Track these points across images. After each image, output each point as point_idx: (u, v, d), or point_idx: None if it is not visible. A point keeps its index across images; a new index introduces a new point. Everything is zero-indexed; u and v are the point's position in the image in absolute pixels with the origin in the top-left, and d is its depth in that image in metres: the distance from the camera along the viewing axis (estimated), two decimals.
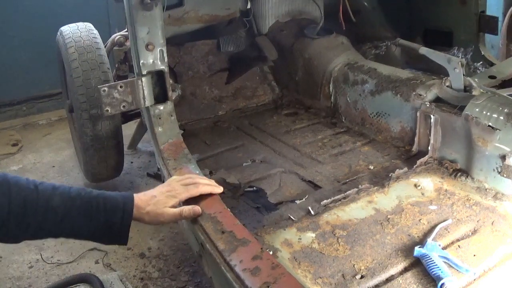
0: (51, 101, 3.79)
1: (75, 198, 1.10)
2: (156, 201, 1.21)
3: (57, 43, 2.36)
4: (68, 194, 1.09)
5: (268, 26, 2.60)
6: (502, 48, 2.80)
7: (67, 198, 1.09)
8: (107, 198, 1.15)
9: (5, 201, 1.00)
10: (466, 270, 1.15)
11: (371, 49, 2.66)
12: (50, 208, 1.05)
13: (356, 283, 1.15)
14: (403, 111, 1.86)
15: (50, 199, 1.06)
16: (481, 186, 1.52)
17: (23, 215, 1.02)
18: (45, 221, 1.05)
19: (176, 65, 2.49)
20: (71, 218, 1.08)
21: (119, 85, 1.62)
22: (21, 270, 2.00)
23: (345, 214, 1.43)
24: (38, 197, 1.05)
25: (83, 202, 1.10)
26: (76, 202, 1.09)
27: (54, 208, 1.06)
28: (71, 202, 1.09)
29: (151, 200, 1.21)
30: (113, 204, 1.14)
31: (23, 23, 3.53)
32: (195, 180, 1.32)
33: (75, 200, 1.09)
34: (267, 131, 2.20)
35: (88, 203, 1.11)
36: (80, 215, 1.09)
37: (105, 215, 1.12)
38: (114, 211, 1.13)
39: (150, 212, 1.19)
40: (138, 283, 1.89)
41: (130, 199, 1.18)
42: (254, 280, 0.98)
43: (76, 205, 1.09)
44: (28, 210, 1.03)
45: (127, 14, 1.64)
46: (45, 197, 1.06)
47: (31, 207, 1.03)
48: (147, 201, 1.20)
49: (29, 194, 1.04)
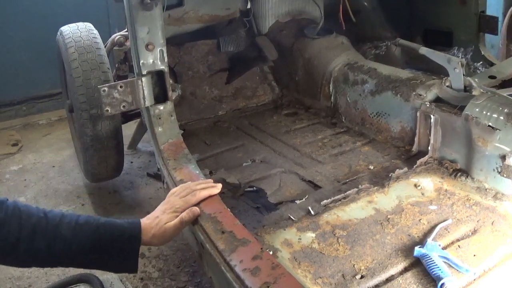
0: (51, 101, 3.79)
1: (83, 225, 1.12)
2: (158, 221, 1.22)
3: (57, 43, 2.36)
4: (76, 222, 1.11)
5: (268, 26, 2.60)
6: (502, 48, 2.80)
7: (75, 225, 1.11)
8: (115, 224, 1.17)
9: (16, 227, 1.02)
10: (466, 270, 1.15)
11: (371, 49, 2.66)
12: (59, 235, 1.07)
13: (356, 283, 1.15)
14: (403, 111, 1.86)
15: (59, 226, 1.08)
16: (481, 186, 1.52)
17: (33, 241, 1.04)
18: (54, 247, 1.07)
19: (176, 65, 2.49)
20: (79, 245, 1.10)
21: (119, 85, 1.62)
22: (21, 270, 2.00)
23: (345, 214, 1.43)
24: (48, 224, 1.07)
25: (91, 229, 1.12)
26: (84, 229, 1.11)
27: (63, 235, 1.08)
28: (79, 229, 1.11)
29: (154, 222, 1.22)
30: (120, 230, 1.16)
31: (23, 23, 3.53)
32: (192, 188, 1.33)
33: (83, 227, 1.11)
34: (267, 131, 2.20)
35: (96, 230, 1.13)
36: (88, 241, 1.11)
37: (113, 241, 1.14)
38: (121, 236, 1.15)
39: (155, 234, 1.20)
40: (138, 283, 1.89)
41: (137, 225, 1.20)
42: (254, 280, 0.98)
43: (84, 232, 1.11)
44: (38, 236, 1.05)
45: (127, 14, 1.64)
46: (54, 224, 1.08)
47: (41, 234, 1.05)
48: (151, 224, 1.22)
49: (39, 221, 1.06)
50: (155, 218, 1.24)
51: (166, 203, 1.30)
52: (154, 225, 1.21)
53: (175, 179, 1.49)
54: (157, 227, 1.21)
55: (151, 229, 1.20)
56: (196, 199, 1.30)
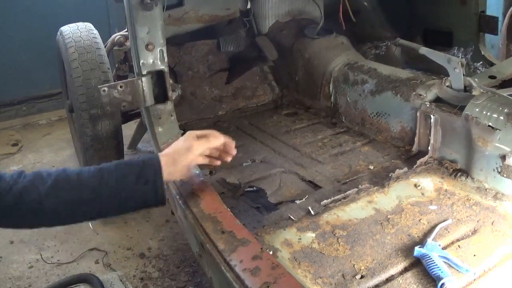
0: (51, 101, 3.79)
1: (102, 168, 1.11)
2: (178, 153, 1.21)
3: (57, 43, 2.36)
4: (94, 168, 1.11)
5: (268, 26, 2.60)
6: (502, 48, 2.80)
7: (94, 170, 1.11)
8: (132, 160, 1.16)
9: (39, 184, 1.02)
10: (466, 270, 1.15)
11: (371, 49, 2.66)
12: (83, 182, 1.07)
13: (356, 283, 1.15)
14: (403, 111, 1.86)
15: (79, 174, 1.08)
16: (481, 186, 1.52)
17: (60, 192, 1.04)
18: (81, 193, 1.07)
19: (176, 65, 2.49)
20: (105, 185, 1.09)
21: (119, 85, 1.62)
22: (21, 270, 2.00)
23: (345, 214, 1.43)
24: (68, 175, 1.07)
25: (112, 168, 1.12)
26: (104, 170, 1.11)
27: (86, 180, 1.08)
28: (99, 172, 1.10)
29: (174, 157, 1.20)
30: (139, 162, 1.15)
31: (23, 23, 3.53)
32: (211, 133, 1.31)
33: (103, 170, 1.11)
34: (267, 131, 2.20)
35: (117, 167, 1.12)
36: (113, 179, 1.10)
37: (136, 172, 1.12)
38: (143, 167, 1.14)
39: (179, 168, 1.19)
40: (138, 283, 1.89)
41: (154, 156, 1.19)
42: (254, 280, 0.98)
43: (106, 172, 1.10)
44: (63, 187, 1.05)
45: (127, 14, 1.64)
46: (74, 173, 1.08)
47: (65, 185, 1.05)
48: (171, 155, 1.20)
49: (59, 174, 1.06)
50: (174, 150, 1.22)
51: (183, 140, 1.27)
52: (175, 157, 1.19)
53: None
54: (180, 158, 1.20)
55: (172, 156, 1.19)
56: (218, 141, 1.28)
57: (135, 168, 1.13)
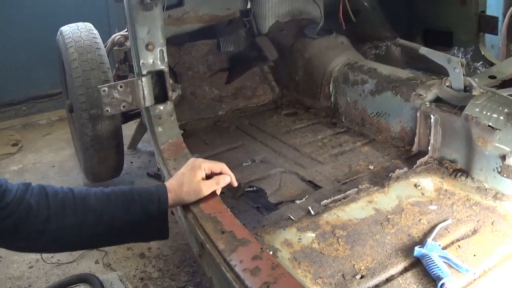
0: (51, 101, 3.79)
1: (109, 194, 1.10)
2: (187, 179, 1.21)
3: (57, 43, 2.36)
4: (102, 192, 1.10)
5: (268, 26, 2.60)
6: (502, 48, 2.80)
7: (102, 195, 1.09)
8: (141, 189, 1.15)
9: (44, 206, 1.01)
10: (466, 270, 1.15)
11: (371, 49, 2.66)
12: (88, 207, 1.06)
13: (356, 283, 1.15)
14: (403, 111, 1.86)
15: (86, 198, 1.07)
16: (481, 186, 1.52)
17: (63, 217, 1.02)
18: (85, 221, 1.05)
19: (176, 65, 2.49)
20: (109, 214, 1.08)
21: (119, 85, 1.62)
22: (21, 270, 2.00)
23: (345, 214, 1.43)
24: (75, 198, 1.05)
25: (119, 197, 1.10)
26: (111, 197, 1.10)
27: (92, 207, 1.06)
28: (106, 199, 1.09)
29: (182, 179, 1.21)
30: (147, 193, 1.14)
31: (23, 23, 3.53)
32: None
33: (110, 196, 1.10)
34: (267, 131, 2.20)
35: (123, 196, 1.11)
36: (118, 209, 1.09)
37: (142, 204, 1.12)
38: (150, 199, 1.13)
39: (187, 191, 1.20)
40: (138, 283, 1.89)
41: (162, 186, 1.19)
42: (254, 280, 0.98)
43: (112, 200, 1.09)
44: (67, 212, 1.03)
45: (127, 14, 1.64)
46: (81, 197, 1.06)
47: (70, 209, 1.03)
48: (179, 182, 1.20)
49: (65, 196, 1.04)
50: (182, 174, 1.22)
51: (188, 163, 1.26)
52: (183, 182, 1.20)
53: None
54: (189, 183, 1.20)
55: (180, 186, 1.19)
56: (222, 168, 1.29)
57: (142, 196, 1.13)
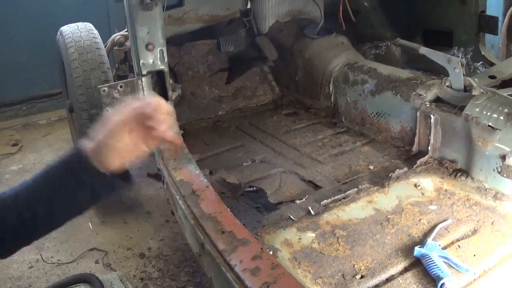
0: (51, 101, 3.79)
1: (29, 183, 0.99)
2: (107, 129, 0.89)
3: (57, 43, 2.36)
4: (27, 183, 0.99)
5: (268, 26, 2.60)
6: (502, 48, 2.80)
7: (27, 186, 0.99)
8: (55, 163, 0.99)
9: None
10: (466, 270, 1.15)
11: (371, 49, 2.66)
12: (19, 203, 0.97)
13: (356, 283, 1.15)
14: (403, 111, 1.86)
15: (16, 196, 0.97)
16: (481, 186, 1.52)
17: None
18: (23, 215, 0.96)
19: (176, 65, 2.49)
20: (40, 197, 0.98)
21: (119, 85, 1.62)
22: (21, 270, 2.00)
23: (345, 214, 1.43)
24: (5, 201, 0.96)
25: (42, 179, 1.00)
26: (36, 182, 0.99)
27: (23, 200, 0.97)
28: (32, 188, 0.99)
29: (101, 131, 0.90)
30: (62, 158, 0.98)
31: (23, 23, 3.52)
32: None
33: (35, 182, 0.99)
34: (267, 131, 2.20)
35: (46, 176, 1.00)
36: (47, 187, 0.99)
37: (61, 169, 0.97)
38: (67, 161, 0.96)
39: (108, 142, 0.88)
40: (138, 283, 1.89)
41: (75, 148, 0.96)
42: (254, 280, 0.98)
43: (38, 184, 0.99)
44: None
45: (127, 14, 1.64)
46: (10, 198, 0.97)
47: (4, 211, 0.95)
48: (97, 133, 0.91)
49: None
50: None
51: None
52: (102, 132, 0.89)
53: (175, 179, 1.49)
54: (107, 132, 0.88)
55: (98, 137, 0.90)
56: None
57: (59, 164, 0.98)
